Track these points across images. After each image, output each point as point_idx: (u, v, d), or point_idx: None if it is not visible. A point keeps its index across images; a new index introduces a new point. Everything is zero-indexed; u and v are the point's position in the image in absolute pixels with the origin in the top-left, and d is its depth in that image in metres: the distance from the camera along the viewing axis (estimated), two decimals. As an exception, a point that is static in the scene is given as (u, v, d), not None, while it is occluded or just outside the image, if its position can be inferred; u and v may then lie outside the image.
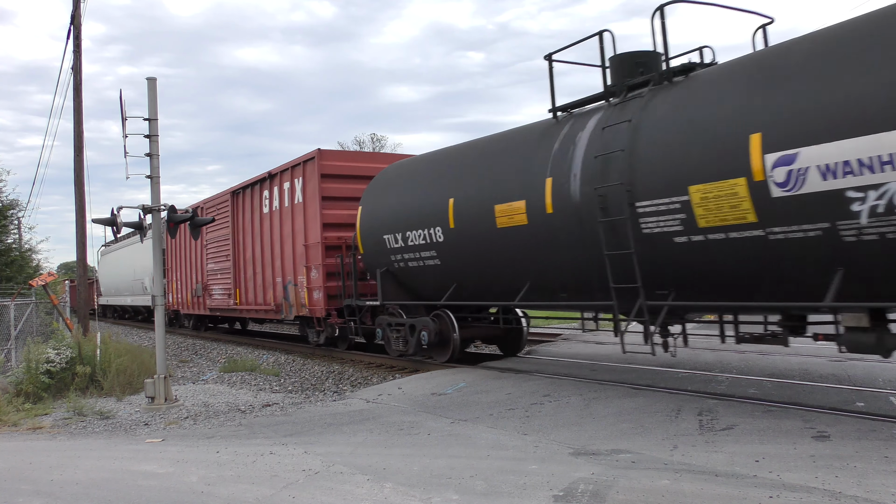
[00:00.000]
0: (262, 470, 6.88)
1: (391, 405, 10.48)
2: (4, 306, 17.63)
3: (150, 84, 12.29)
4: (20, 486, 6.81)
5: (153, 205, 12.32)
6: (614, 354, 13.48)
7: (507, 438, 7.71)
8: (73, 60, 18.35)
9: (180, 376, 17.52)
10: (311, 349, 19.25)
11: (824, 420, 7.37)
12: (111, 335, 15.92)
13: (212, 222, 12.97)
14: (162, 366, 12.14)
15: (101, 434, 9.96)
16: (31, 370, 12.94)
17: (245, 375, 16.45)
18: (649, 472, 5.99)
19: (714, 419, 7.79)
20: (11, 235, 31.85)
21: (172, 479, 6.80)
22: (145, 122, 12.23)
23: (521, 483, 5.90)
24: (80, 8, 18.42)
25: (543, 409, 9.16)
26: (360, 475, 6.46)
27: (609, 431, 7.70)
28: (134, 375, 13.82)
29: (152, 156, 12.27)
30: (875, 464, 5.82)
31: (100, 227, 12.92)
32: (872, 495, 5.11)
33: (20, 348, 16.33)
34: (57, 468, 7.49)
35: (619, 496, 5.40)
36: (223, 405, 11.88)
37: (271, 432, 9.06)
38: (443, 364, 13.61)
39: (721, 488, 5.44)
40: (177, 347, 25.42)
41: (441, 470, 6.49)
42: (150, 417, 10.99)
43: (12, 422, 10.85)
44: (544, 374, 12.10)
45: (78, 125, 18.42)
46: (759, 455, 6.28)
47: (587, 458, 6.62)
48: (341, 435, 8.56)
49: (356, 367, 16.35)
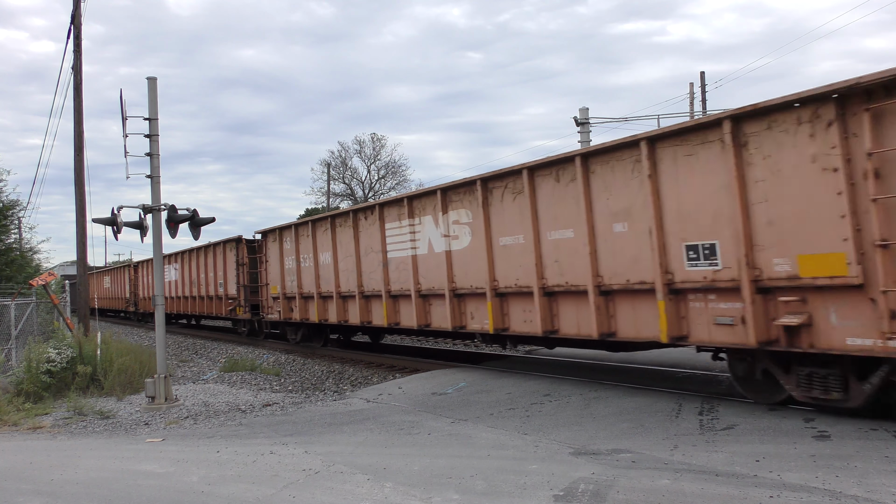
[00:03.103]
0: (263, 469, 6.88)
1: (391, 405, 10.48)
2: (5, 306, 17.62)
3: (151, 84, 12.28)
4: (21, 486, 6.82)
5: (153, 204, 12.32)
6: (614, 354, 13.47)
7: (507, 438, 7.71)
8: (73, 60, 18.35)
9: (181, 376, 17.53)
10: (312, 349, 19.43)
11: (825, 420, 7.37)
12: (112, 335, 15.94)
13: (212, 221, 12.93)
14: (162, 365, 12.14)
15: (101, 434, 9.96)
16: (32, 370, 12.94)
17: (245, 375, 16.46)
18: (650, 471, 5.99)
19: (714, 419, 7.78)
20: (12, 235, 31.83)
21: (173, 478, 6.80)
22: (145, 121, 12.23)
23: (522, 483, 5.90)
24: (80, 8, 18.42)
25: (544, 408, 9.16)
26: (361, 475, 6.46)
27: (609, 431, 7.70)
28: (134, 375, 13.82)
29: (152, 155, 12.27)
30: (875, 463, 5.82)
31: (100, 226, 12.82)
32: (873, 495, 5.10)
33: (21, 348, 16.32)
34: (57, 468, 7.49)
35: (619, 496, 5.40)
36: (223, 405, 11.88)
37: (272, 432, 9.06)
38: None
39: (721, 488, 5.44)
40: (177, 347, 25.43)
41: (441, 469, 6.49)
42: (150, 417, 10.99)
43: (13, 421, 10.85)
44: (544, 374, 12.11)
45: (78, 125, 18.42)
46: (760, 455, 6.27)
47: (587, 457, 6.61)
48: (342, 434, 8.56)
49: (356, 367, 16.35)
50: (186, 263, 28.75)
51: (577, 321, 10.24)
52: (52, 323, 19.31)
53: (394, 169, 63.52)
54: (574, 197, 9.92)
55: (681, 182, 8.46)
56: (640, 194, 8.94)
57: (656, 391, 9.70)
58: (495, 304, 11.62)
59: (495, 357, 15.54)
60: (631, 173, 9.08)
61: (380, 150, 63.57)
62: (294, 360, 18.66)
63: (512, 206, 11.09)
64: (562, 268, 10.26)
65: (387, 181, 63.29)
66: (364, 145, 63.73)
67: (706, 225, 8.21)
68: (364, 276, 15.38)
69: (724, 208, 7.94)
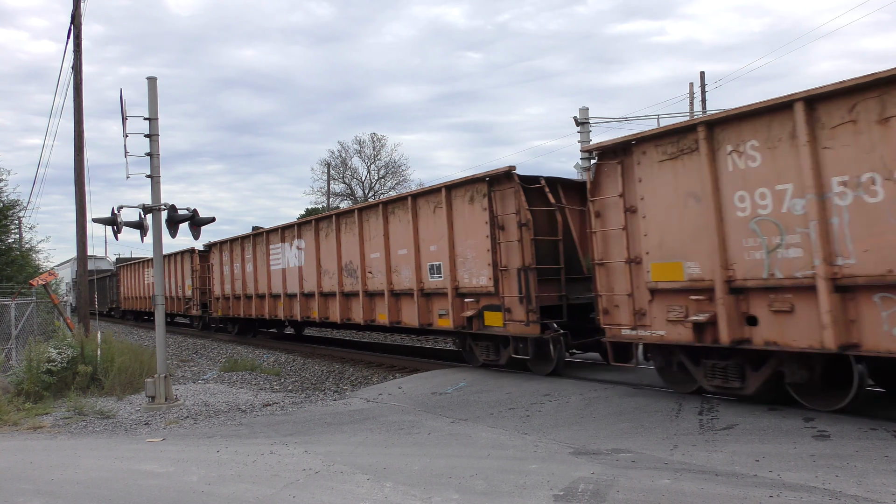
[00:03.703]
0: (263, 469, 6.88)
1: (391, 404, 10.48)
2: (5, 306, 17.63)
3: (151, 83, 12.28)
4: (21, 486, 6.82)
5: (154, 204, 12.32)
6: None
7: (507, 438, 7.71)
8: (73, 60, 18.34)
9: (181, 376, 17.54)
10: (312, 349, 19.41)
11: (825, 419, 7.37)
12: (112, 334, 15.94)
13: (212, 221, 12.93)
14: (162, 365, 12.14)
15: (101, 433, 9.96)
16: (33, 369, 12.94)
17: (245, 375, 16.46)
18: (650, 471, 5.99)
19: (714, 418, 7.78)
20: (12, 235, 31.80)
21: (173, 478, 6.81)
22: (145, 121, 12.23)
23: (522, 482, 5.90)
24: (80, 8, 18.42)
25: (544, 408, 9.16)
26: (361, 474, 6.47)
27: (609, 431, 7.70)
28: (135, 375, 13.83)
29: (153, 155, 12.27)
30: (875, 463, 5.82)
31: (100, 226, 12.81)
32: (872, 495, 5.10)
33: (21, 348, 16.33)
34: (57, 467, 7.49)
35: (619, 495, 5.40)
36: (223, 404, 11.88)
37: (272, 432, 9.07)
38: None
39: (721, 488, 5.44)
40: (177, 347, 25.43)
41: (441, 469, 6.49)
42: (150, 417, 10.99)
43: (13, 421, 10.85)
44: (544, 374, 12.10)
45: (78, 125, 18.42)
46: (760, 454, 6.28)
47: (587, 457, 6.62)
48: (342, 434, 8.57)
49: (356, 367, 16.36)
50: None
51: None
52: (52, 322, 19.32)
53: (394, 169, 63.52)
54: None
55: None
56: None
57: (656, 391, 9.70)
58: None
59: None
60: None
61: (380, 150, 63.55)
62: (294, 360, 18.67)
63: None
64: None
65: (387, 181, 63.29)
66: (364, 145, 63.71)
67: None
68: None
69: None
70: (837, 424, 7.13)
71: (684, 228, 8.48)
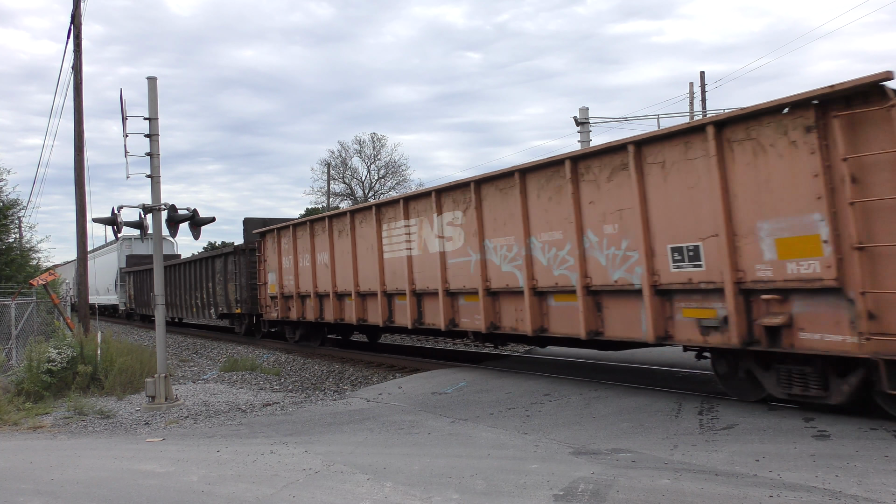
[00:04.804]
0: (263, 469, 6.88)
1: (392, 404, 10.48)
2: (5, 306, 17.63)
3: (151, 83, 12.29)
4: (21, 485, 6.82)
5: (154, 204, 12.32)
6: (614, 354, 13.47)
7: (507, 438, 7.71)
8: (73, 60, 18.35)
9: (181, 375, 17.54)
10: (313, 348, 19.44)
11: (825, 419, 7.37)
12: (112, 334, 15.95)
13: (212, 221, 12.94)
14: (162, 365, 12.14)
15: (101, 433, 9.97)
16: (33, 369, 12.94)
17: (245, 375, 16.46)
18: (650, 471, 5.99)
19: (714, 418, 7.79)
20: (12, 235, 31.82)
21: (173, 478, 6.81)
22: (145, 121, 12.23)
23: (522, 482, 5.90)
24: (80, 8, 18.43)
25: (544, 408, 9.17)
26: (361, 474, 6.47)
27: (609, 431, 7.70)
28: (135, 375, 13.82)
29: (153, 155, 12.27)
30: (875, 463, 5.82)
31: (100, 226, 12.83)
32: (872, 494, 5.10)
33: (21, 347, 16.34)
34: (57, 467, 7.49)
35: (619, 495, 5.40)
36: (223, 404, 11.88)
37: (272, 431, 9.07)
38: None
39: (721, 487, 5.44)
40: (177, 347, 25.43)
41: (441, 469, 6.49)
42: (150, 417, 11.00)
43: (13, 421, 10.85)
44: (544, 374, 12.11)
45: (78, 125, 18.43)
46: (760, 454, 6.28)
47: (587, 457, 6.62)
48: (342, 434, 8.57)
49: (356, 367, 16.36)
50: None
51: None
52: (52, 322, 19.33)
53: (394, 169, 63.55)
54: None
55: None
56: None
57: (656, 391, 9.70)
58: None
59: (495, 357, 15.54)
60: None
61: (380, 150, 63.58)
62: (294, 360, 18.67)
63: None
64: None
65: (387, 181, 63.32)
66: (364, 145, 63.74)
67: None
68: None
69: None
70: (837, 424, 7.13)
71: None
